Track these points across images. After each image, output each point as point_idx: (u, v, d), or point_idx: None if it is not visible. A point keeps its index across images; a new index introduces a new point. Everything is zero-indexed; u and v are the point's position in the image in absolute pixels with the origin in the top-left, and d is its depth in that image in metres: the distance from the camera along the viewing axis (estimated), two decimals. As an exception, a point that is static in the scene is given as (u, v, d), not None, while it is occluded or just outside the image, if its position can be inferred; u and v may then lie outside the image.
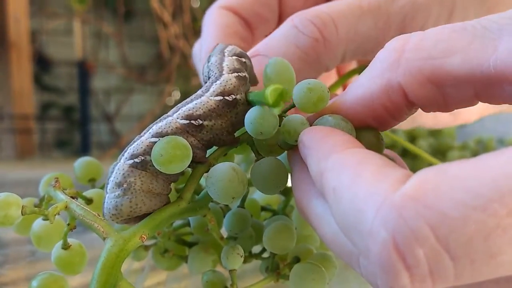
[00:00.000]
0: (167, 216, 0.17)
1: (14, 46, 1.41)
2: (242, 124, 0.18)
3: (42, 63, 1.77)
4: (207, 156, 0.18)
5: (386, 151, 0.18)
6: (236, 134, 0.19)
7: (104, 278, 0.15)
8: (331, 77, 0.29)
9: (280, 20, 0.26)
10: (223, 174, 0.16)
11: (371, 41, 0.22)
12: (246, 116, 0.17)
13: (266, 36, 0.27)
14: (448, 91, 0.15)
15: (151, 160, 0.16)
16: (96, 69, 1.81)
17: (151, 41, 1.96)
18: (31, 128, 1.50)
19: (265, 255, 0.22)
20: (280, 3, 0.26)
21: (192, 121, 0.17)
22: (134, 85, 1.97)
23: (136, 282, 0.26)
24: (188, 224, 0.22)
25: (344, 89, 0.27)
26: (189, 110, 0.18)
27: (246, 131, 0.18)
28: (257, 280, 0.20)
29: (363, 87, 0.16)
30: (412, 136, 0.49)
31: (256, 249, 0.22)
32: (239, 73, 0.18)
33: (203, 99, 0.18)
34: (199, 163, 0.18)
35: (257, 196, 0.25)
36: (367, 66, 0.24)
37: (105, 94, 1.95)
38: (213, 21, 0.25)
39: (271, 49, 0.21)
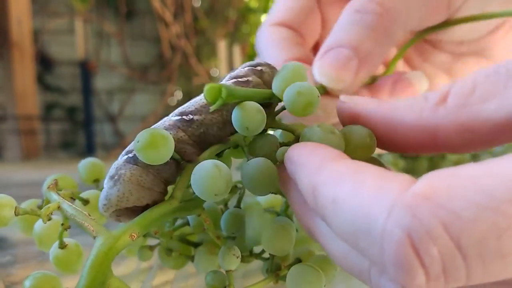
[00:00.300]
0: (158, 215, 0.17)
1: (16, 46, 1.41)
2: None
3: (44, 63, 1.78)
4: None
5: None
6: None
7: (93, 275, 0.15)
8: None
9: (323, 23, 0.27)
10: (206, 170, 0.16)
11: (422, 7, 0.23)
12: (233, 111, 0.17)
13: (317, 41, 0.27)
14: (486, 136, 0.14)
15: None
16: (98, 69, 1.82)
17: (153, 40, 1.97)
18: (36, 129, 1.51)
19: (266, 255, 0.22)
20: (320, 7, 0.27)
21: (183, 117, 0.18)
22: (136, 85, 1.98)
23: (145, 281, 0.26)
24: (189, 223, 0.22)
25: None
26: (183, 108, 0.19)
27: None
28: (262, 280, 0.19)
29: (398, 111, 0.16)
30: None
31: (257, 249, 0.22)
32: (238, 79, 0.19)
33: (197, 98, 0.19)
34: (190, 162, 0.18)
35: (260, 198, 0.25)
36: (408, 45, 0.25)
37: (107, 94, 1.95)
38: (270, 39, 0.25)
39: (343, 38, 0.22)
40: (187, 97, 2.10)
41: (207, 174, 0.16)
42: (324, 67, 0.21)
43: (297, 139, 0.18)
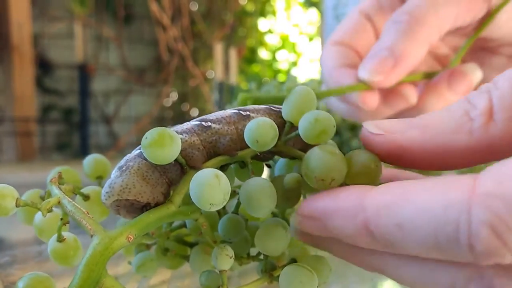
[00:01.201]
0: (156, 218, 0.17)
1: (16, 49, 1.42)
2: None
3: (43, 66, 1.78)
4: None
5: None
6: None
7: (86, 274, 0.15)
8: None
9: (377, 35, 0.32)
10: (205, 179, 0.16)
11: (452, 4, 0.27)
12: (247, 125, 0.17)
13: None
14: None
15: None
16: (96, 72, 1.82)
17: (150, 43, 1.97)
18: (32, 130, 1.50)
19: (262, 256, 0.22)
20: (373, 23, 0.32)
21: (203, 122, 0.19)
22: (133, 87, 1.98)
23: (142, 280, 0.26)
24: (185, 225, 0.22)
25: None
26: (205, 116, 0.19)
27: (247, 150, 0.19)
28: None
29: (446, 136, 0.16)
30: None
31: (254, 250, 0.22)
32: (271, 106, 0.20)
33: (221, 111, 0.19)
34: (194, 168, 0.18)
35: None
36: (466, 45, 0.29)
37: (104, 96, 1.95)
38: (326, 55, 0.31)
39: (383, 44, 0.27)
40: (182, 98, 2.11)
41: (206, 182, 0.16)
42: (366, 66, 0.27)
43: None
